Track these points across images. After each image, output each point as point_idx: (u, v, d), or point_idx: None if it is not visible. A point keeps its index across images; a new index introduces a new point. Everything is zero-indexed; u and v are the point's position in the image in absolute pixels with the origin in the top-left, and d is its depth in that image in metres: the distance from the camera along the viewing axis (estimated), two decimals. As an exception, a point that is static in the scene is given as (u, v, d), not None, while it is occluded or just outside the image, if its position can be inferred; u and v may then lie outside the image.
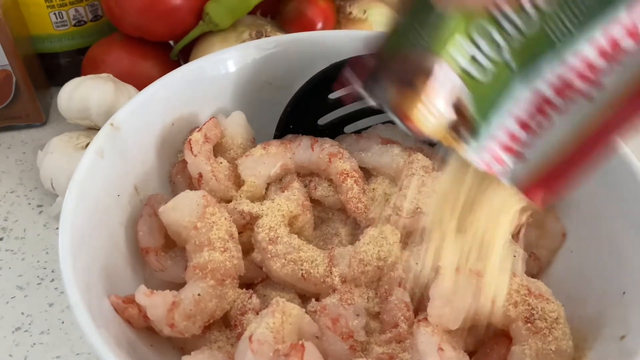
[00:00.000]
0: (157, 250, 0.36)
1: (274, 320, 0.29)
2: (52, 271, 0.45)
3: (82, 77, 0.49)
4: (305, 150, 0.41)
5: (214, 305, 0.32)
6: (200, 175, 0.38)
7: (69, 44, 0.58)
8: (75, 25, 0.57)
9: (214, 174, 0.38)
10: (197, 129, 0.40)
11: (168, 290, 0.32)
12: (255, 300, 0.33)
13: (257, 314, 0.32)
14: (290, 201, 0.37)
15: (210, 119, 0.41)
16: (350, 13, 0.56)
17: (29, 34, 0.56)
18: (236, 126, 0.42)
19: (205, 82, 0.42)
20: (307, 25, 0.54)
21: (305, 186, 0.41)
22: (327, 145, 0.41)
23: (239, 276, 0.34)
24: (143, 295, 0.31)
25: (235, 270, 0.33)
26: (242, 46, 0.43)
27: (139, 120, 0.38)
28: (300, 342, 0.28)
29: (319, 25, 0.54)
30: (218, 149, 0.42)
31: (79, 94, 0.48)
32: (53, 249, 0.46)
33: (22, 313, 0.42)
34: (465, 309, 0.30)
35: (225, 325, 0.34)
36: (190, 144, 0.38)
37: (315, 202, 0.40)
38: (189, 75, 0.41)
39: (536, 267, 0.37)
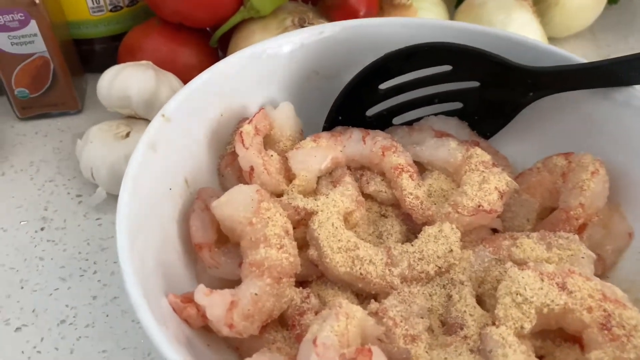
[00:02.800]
0: (210, 246, 0.35)
1: (339, 324, 0.28)
2: (94, 263, 0.44)
3: (122, 65, 0.48)
4: (356, 143, 0.39)
5: (271, 304, 0.31)
6: (252, 168, 0.37)
7: (105, 29, 0.57)
8: (111, 11, 0.56)
9: (265, 168, 0.37)
10: (247, 121, 0.38)
11: (227, 290, 0.31)
12: (314, 300, 0.32)
13: (316, 314, 0.31)
14: (344, 196, 0.36)
15: (259, 110, 0.39)
16: (394, -1, 0.54)
17: (66, 19, 0.55)
18: (285, 117, 0.41)
19: (254, 71, 0.41)
20: (350, 12, 0.52)
21: (356, 180, 0.39)
22: (380, 138, 0.39)
23: (294, 274, 0.33)
24: (202, 295, 0.30)
25: (291, 268, 0.32)
26: (290, 34, 0.42)
27: (188, 111, 0.37)
28: (367, 347, 0.27)
29: (362, 12, 0.52)
30: (267, 141, 0.41)
31: (119, 82, 0.47)
32: (94, 240, 0.45)
33: (67, 305, 0.41)
34: (537, 309, 0.29)
35: (282, 325, 0.33)
36: (242, 136, 0.37)
37: (367, 198, 0.39)
38: (238, 64, 0.40)
39: (600, 268, 0.35)
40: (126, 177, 0.32)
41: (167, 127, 0.35)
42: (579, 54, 0.65)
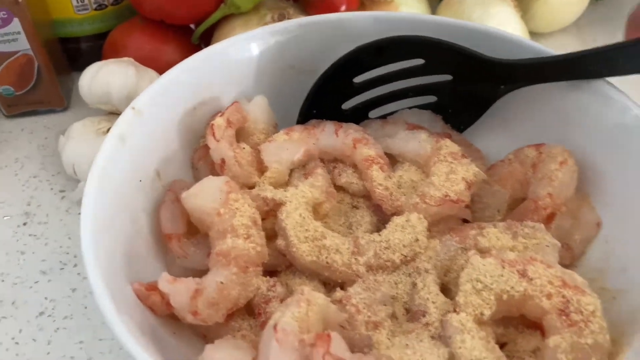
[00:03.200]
0: (179, 237, 0.35)
1: (299, 310, 0.28)
2: (75, 256, 0.44)
3: (103, 62, 0.49)
4: (329, 135, 0.40)
5: (237, 293, 0.31)
6: (223, 160, 0.37)
7: (90, 28, 0.58)
8: (96, 9, 0.57)
9: (236, 160, 0.37)
10: (220, 114, 0.39)
11: (191, 278, 0.31)
12: (279, 288, 0.32)
13: (281, 302, 0.31)
14: (314, 188, 0.36)
15: (232, 104, 0.40)
16: (375, -6, 0.54)
17: (50, 18, 0.56)
18: (259, 111, 0.41)
19: (228, 65, 0.41)
20: (331, 7, 0.52)
21: (329, 172, 0.40)
22: (352, 131, 0.40)
23: (262, 264, 0.33)
24: (166, 283, 0.30)
25: (258, 257, 0.33)
26: (264, 29, 0.42)
27: (160, 104, 0.37)
28: (326, 332, 0.27)
29: (343, 7, 0.52)
30: (240, 134, 0.41)
31: (100, 78, 0.47)
32: (75, 234, 0.46)
33: (46, 298, 0.42)
34: (497, 295, 0.29)
35: (249, 313, 0.33)
36: (213, 129, 0.37)
37: (339, 189, 0.39)
38: (211, 58, 0.40)
39: (568, 257, 0.36)
40: (93, 168, 0.32)
41: (137, 120, 0.36)
42: (565, 50, 0.65)
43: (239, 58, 0.41)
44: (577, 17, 0.64)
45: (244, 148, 0.39)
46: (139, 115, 0.36)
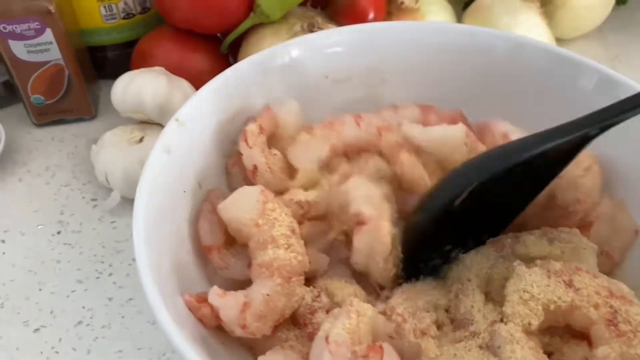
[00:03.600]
0: (219, 248, 0.36)
1: (350, 321, 0.29)
2: (110, 265, 0.45)
3: (135, 71, 0.49)
4: (351, 128, 0.39)
5: (282, 304, 0.31)
6: (255, 167, 0.37)
7: (118, 36, 0.58)
8: (124, 18, 0.57)
9: (269, 166, 0.38)
10: (252, 120, 0.39)
11: (240, 291, 0.31)
12: (324, 299, 0.33)
13: (327, 312, 0.32)
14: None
15: (265, 109, 0.40)
16: (402, 3, 0.55)
17: (79, 27, 0.56)
18: (290, 116, 0.41)
19: (265, 75, 0.41)
20: (359, 16, 0.53)
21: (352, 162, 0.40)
22: (374, 119, 0.39)
23: (303, 272, 0.33)
24: (216, 296, 0.31)
25: (300, 267, 0.33)
26: (299, 40, 0.43)
27: (202, 114, 0.38)
28: (378, 344, 0.28)
29: (371, 15, 0.53)
30: (271, 140, 0.41)
31: (133, 88, 0.48)
32: (109, 242, 0.46)
33: (83, 307, 0.42)
34: (544, 306, 0.30)
35: (294, 324, 0.33)
36: (246, 135, 0.37)
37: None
38: (250, 69, 0.41)
39: (608, 264, 0.36)
40: (142, 180, 0.32)
41: (180, 131, 0.36)
42: (588, 55, 0.65)
43: (275, 69, 0.42)
44: (600, 22, 0.64)
45: (275, 154, 0.39)
46: (182, 126, 0.36)
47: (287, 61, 0.42)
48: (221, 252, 0.36)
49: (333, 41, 0.43)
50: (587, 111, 0.31)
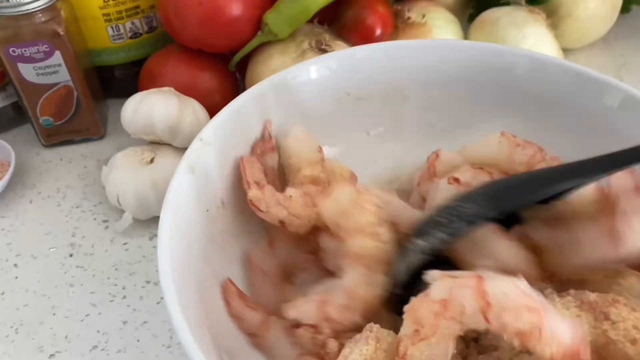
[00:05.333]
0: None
1: (368, 347, 0.29)
2: (123, 288, 0.45)
3: (145, 92, 0.49)
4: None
5: (364, 292, 0.32)
6: (282, 223, 0.37)
7: (125, 56, 0.58)
8: (131, 38, 0.57)
9: (293, 215, 0.37)
10: (246, 181, 0.38)
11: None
12: (326, 329, 0.33)
13: (335, 338, 0.32)
14: None
15: (242, 161, 0.39)
16: (409, 18, 0.55)
17: (87, 48, 0.56)
18: (299, 143, 0.41)
19: (285, 95, 0.41)
20: (366, 32, 0.53)
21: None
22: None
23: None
24: (292, 309, 0.33)
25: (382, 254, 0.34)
26: (320, 59, 0.43)
27: (225, 134, 0.38)
28: None
29: (378, 31, 0.53)
30: (287, 171, 0.41)
31: (143, 109, 0.48)
32: (122, 264, 0.46)
33: (98, 331, 0.42)
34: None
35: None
36: (254, 204, 0.37)
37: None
38: (271, 88, 0.41)
39: None
40: (167, 199, 0.33)
41: (205, 151, 0.37)
42: (594, 64, 0.65)
43: (296, 88, 0.42)
44: (605, 31, 0.64)
45: (291, 197, 0.38)
46: (206, 146, 0.37)
47: (308, 79, 0.42)
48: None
49: (353, 60, 0.44)
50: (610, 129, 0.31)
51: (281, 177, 0.42)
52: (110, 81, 0.60)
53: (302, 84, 0.42)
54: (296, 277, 0.39)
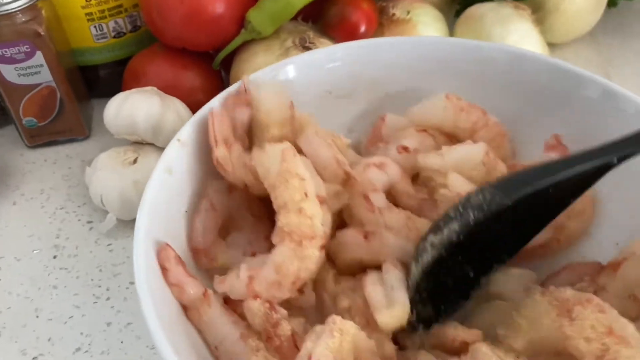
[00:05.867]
0: (206, 251, 0.37)
1: (333, 340, 0.29)
2: (107, 289, 0.44)
3: (127, 92, 0.49)
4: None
5: (295, 268, 0.32)
6: (245, 185, 0.37)
7: (109, 55, 0.58)
8: (114, 37, 0.57)
9: (257, 180, 0.37)
10: (213, 134, 0.37)
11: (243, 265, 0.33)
12: (282, 310, 0.32)
13: (288, 322, 0.32)
14: None
15: (211, 116, 0.38)
16: (394, 14, 0.55)
17: (70, 47, 0.56)
18: (270, 99, 0.39)
19: (275, 92, 0.41)
20: (350, 29, 0.53)
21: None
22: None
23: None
24: (220, 284, 0.33)
25: (312, 231, 0.33)
26: (301, 57, 0.43)
27: (203, 134, 0.38)
28: None
29: (362, 28, 0.53)
30: (255, 126, 0.40)
31: (126, 109, 0.47)
32: (106, 266, 0.46)
33: (82, 333, 0.42)
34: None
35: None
36: (220, 163, 0.36)
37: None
38: (260, 83, 0.40)
39: (635, 309, 0.34)
40: (143, 200, 0.32)
41: (182, 151, 0.36)
42: (581, 59, 0.65)
43: (286, 89, 0.41)
44: (592, 26, 0.64)
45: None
46: (184, 147, 0.36)
47: (289, 78, 0.42)
48: (209, 254, 0.37)
49: (336, 57, 0.43)
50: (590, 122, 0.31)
51: (249, 132, 0.41)
52: (95, 81, 0.60)
53: (283, 82, 0.42)
54: (230, 235, 0.39)
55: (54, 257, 0.47)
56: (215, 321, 0.33)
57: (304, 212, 0.32)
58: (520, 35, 0.53)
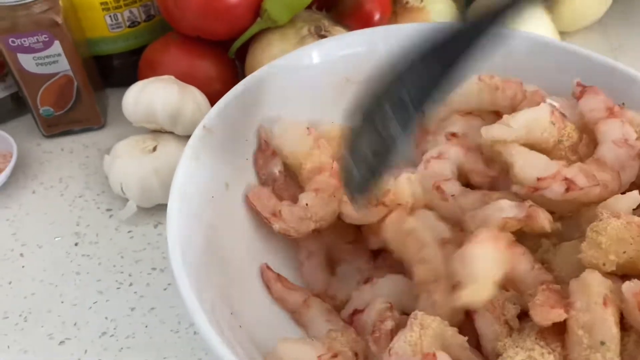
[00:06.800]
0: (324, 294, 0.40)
1: (412, 334, 0.29)
2: (130, 275, 0.45)
3: (145, 81, 0.49)
4: None
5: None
6: (315, 230, 0.38)
7: (123, 45, 0.58)
8: (129, 27, 0.57)
9: (320, 221, 0.38)
10: (261, 214, 0.39)
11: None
12: (396, 313, 0.34)
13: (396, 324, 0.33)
14: None
15: (249, 200, 0.40)
16: (407, 2, 0.55)
17: (86, 37, 0.56)
18: (287, 139, 0.41)
19: (286, 81, 0.42)
20: (365, 17, 0.53)
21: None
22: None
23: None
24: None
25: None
26: (320, 44, 0.44)
27: (227, 120, 0.39)
28: (432, 352, 0.28)
29: (377, 16, 0.53)
30: (292, 169, 0.42)
31: (145, 98, 0.48)
32: (127, 252, 0.47)
33: (106, 318, 0.42)
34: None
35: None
36: (285, 235, 0.38)
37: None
38: (270, 75, 0.41)
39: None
40: (173, 187, 0.33)
41: (208, 137, 0.37)
42: (591, 47, 0.65)
43: (297, 74, 0.42)
44: (601, 14, 0.65)
45: (307, 205, 0.38)
46: (209, 133, 0.37)
47: (308, 65, 0.43)
48: (329, 295, 0.39)
49: (354, 43, 0.44)
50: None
51: (290, 173, 0.42)
52: (110, 70, 0.60)
53: (302, 70, 0.43)
54: (338, 268, 0.41)
55: (76, 244, 0.48)
56: (313, 320, 0.37)
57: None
58: (533, 23, 0.54)
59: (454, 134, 0.39)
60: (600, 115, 0.37)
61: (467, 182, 0.38)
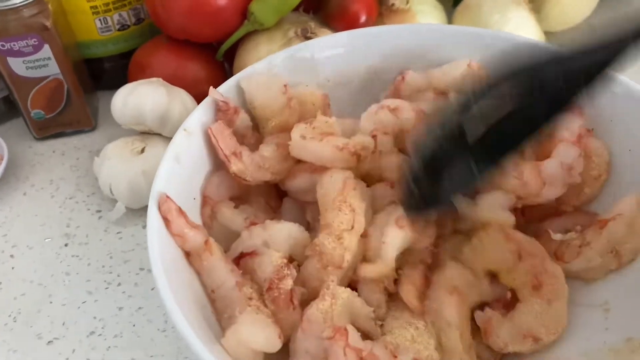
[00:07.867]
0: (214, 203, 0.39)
1: (324, 303, 0.31)
2: (118, 275, 0.46)
3: (134, 83, 0.50)
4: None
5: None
6: (266, 182, 0.39)
7: (113, 48, 0.59)
8: (119, 30, 0.58)
9: (276, 174, 0.39)
10: (220, 150, 0.38)
11: None
12: (293, 271, 0.34)
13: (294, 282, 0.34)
14: None
15: (211, 132, 0.39)
16: (393, 4, 0.55)
17: (76, 40, 0.57)
18: (261, 92, 0.41)
19: (267, 82, 0.42)
20: (351, 19, 0.53)
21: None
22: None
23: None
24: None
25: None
26: (299, 47, 0.44)
27: (208, 123, 0.39)
28: (343, 326, 0.30)
29: (363, 18, 0.54)
30: (257, 121, 0.42)
31: (133, 100, 0.48)
32: (116, 253, 0.47)
33: (95, 317, 0.43)
34: None
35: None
36: (238, 176, 0.38)
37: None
38: (250, 78, 0.42)
39: (615, 263, 0.36)
40: (154, 189, 0.34)
41: (189, 140, 0.38)
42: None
43: (278, 74, 0.43)
44: (588, 14, 0.65)
45: (264, 155, 0.39)
46: (190, 135, 0.38)
47: (289, 67, 0.43)
48: (215, 207, 0.39)
49: (337, 45, 0.45)
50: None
51: (255, 125, 0.43)
52: (100, 73, 0.61)
53: (283, 71, 0.43)
54: (240, 206, 0.40)
55: (65, 245, 0.48)
56: (215, 266, 0.34)
57: (342, 242, 0.34)
58: (517, 24, 0.54)
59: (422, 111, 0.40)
60: (568, 137, 0.38)
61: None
